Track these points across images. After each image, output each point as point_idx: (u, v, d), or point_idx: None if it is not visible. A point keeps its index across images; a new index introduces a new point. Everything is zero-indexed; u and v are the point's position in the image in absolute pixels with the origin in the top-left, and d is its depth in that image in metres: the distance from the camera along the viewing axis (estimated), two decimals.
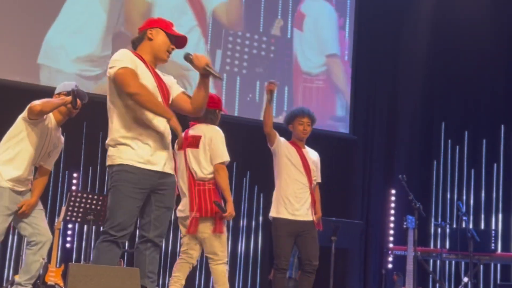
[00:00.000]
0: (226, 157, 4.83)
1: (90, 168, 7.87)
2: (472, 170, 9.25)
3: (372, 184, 9.08)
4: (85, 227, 6.57)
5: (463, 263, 8.51)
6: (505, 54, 9.35)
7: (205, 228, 4.79)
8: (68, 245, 7.67)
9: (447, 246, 7.69)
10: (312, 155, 5.71)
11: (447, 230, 7.86)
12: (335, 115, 9.02)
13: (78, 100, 4.76)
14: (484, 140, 9.29)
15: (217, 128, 4.94)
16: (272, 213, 5.54)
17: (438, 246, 8.33)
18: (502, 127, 9.28)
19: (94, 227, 6.48)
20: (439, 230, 8.26)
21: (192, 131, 4.94)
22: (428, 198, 9.09)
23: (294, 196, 5.48)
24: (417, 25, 9.46)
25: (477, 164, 9.26)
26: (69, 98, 4.75)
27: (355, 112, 9.06)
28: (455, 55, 9.32)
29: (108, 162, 3.72)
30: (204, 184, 4.79)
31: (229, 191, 4.81)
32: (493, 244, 7.52)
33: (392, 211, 8.93)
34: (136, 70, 3.64)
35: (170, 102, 3.83)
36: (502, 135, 9.28)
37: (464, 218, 7.10)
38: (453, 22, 9.33)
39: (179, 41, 3.86)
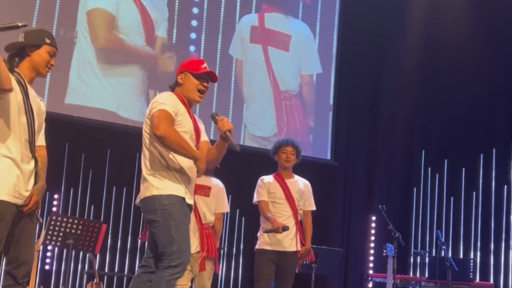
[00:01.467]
0: (227, 209, 5.72)
1: (72, 189, 7.83)
2: (452, 198, 9.35)
3: (353, 211, 9.11)
4: (65, 250, 6.51)
5: None
6: (485, 84, 9.50)
7: (207, 266, 5.37)
8: (47, 267, 7.60)
9: (426, 274, 7.74)
10: (299, 184, 5.85)
11: (426, 258, 7.91)
12: (317, 141, 9.09)
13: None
14: (463, 169, 9.40)
15: (220, 181, 5.70)
16: (256, 245, 5.78)
17: (418, 274, 8.39)
18: (481, 156, 9.41)
19: (73, 251, 6.43)
20: (418, 258, 8.31)
21: (198, 181, 5.29)
22: (408, 225, 9.16)
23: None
24: (399, 53, 9.58)
25: (457, 192, 9.36)
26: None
27: (336, 138, 9.11)
28: (436, 84, 9.45)
29: (154, 193, 3.80)
30: (208, 228, 5.45)
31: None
32: (471, 273, 7.58)
33: (373, 238, 8.97)
34: (174, 115, 3.82)
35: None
36: (481, 163, 9.40)
37: (443, 247, 7.16)
38: (435, 52, 9.48)
39: (210, 77, 4.03)
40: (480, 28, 9.43)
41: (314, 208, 5.88)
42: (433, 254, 8.24)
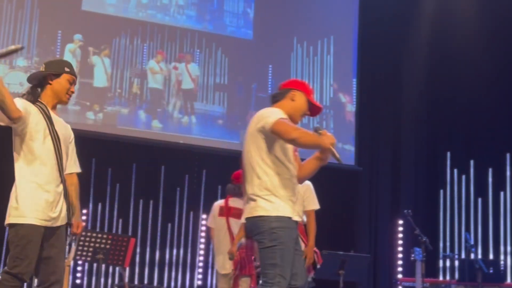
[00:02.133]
0: None
1: (99, 204, 7.94)
2: (479, 199, 9.27)
3: (379, 216, 9.08)
4: (95, 265, 6.60)
5: None
6: (509, 82, 9.41)
7: (243, 283, 5.66)
8: (78, 282, 7.71)
9: (456, 277, 7.68)
10: None
11: (456, 261, 7.85)
12: (341, 146, 9.09)
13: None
14: (490, 169, 9.31)
15: None
16: None
17: (447, 277, 8.33)
18: (508, 155, 9.31)
19: (103, 265, 6.51)
20: (447, 261, 8.24)
21: (232, 203, 5.98)
22: (436, 228, 9.10)
23: None
24: (419, 55, 9.55)
25: (484, 193, 9.28)
26: None
27: (360, 143, 9.10)
28: (459, 84, 9.39)
29: (261, 213, 3.73)
30: (243, 247, 5.70)
31: None
32: (502, 275, 7.50)
33: (400, 242, 8.93)
34: None
35: None
36: (508, 163, 9.31)
37: (472, 249, 7.11)
38: (456, 51, 9.41)
39: (314, 109, 4.00)
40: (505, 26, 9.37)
41: (315, 207, 5.53)
42: (462, 257, 8.18)
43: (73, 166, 3.88)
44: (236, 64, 8.80)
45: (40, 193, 3.57)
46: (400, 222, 8.95)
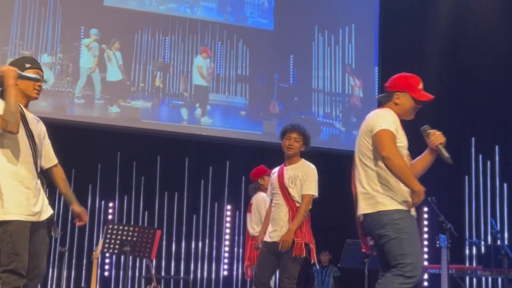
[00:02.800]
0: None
1: (125, 197, 8.04)
2: (505, 185, 9.20)
3: None
4: (122, 257, 6.70)
5: (499, 279, 8.44)
6: None
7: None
8: (106, 274, 7.84)
9: (482, 263, 7.65)
10: (294, 171, 5.18)
11: (482, 247, 7.82)
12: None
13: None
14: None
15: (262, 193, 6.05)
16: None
17: (474, 264, 8.30)
18: None
19: (130, 257, 6.61)
20: (473, 248, 8.21)
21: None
22: (461, 214, 9.05)
23: (272, 219, 5.17)
24: (441, 40, 9.48)
25: (509, 178, 9.21)
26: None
27: None
28: (482, 69, 9.29)
29: (380, 208, 3.79)
30: (253, 239, 5.91)
31: None
32: None
33: (426, 229, 8.91)
34: (396, 133, 3.83)
35: None
36: None
37: (497, 235, 7.08)
38: (479, 34, 9.31)
39: (424, 100, 4.04)
40: None
41: (310, 192, 5.07)
42: (488, 243, 8.14)
43: (52, 159, 3.93)
44: (258, 55, 8.83)
45: (22, 190, 3.62)
46: (425, 209, 8.92)
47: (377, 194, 3.80)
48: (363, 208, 3.85)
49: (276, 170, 5.30)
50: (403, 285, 3.66)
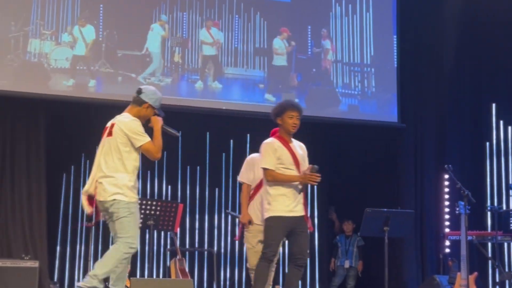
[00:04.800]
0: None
1: (148, 172, 8.20)
2: None
3: (424, 171, 9.10)
4: (147, 231, 6.88)
5: None
6: None
7: None
8: None
9: (502, 228, 7.71)
10: (299, 149, 5.40)
11: (502, 213, 7.86)
12: (382, 104, 9.11)
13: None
14: None
15: None
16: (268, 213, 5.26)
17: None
18: None
19: (155, 231, 6.79)
20: (495, 213, 8.22)
21: None
22: (482, 181, 9.07)
23: (291, 194, 5.22)
24: (461, 4, 9.38)
25: None
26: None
27: (402, 100, 9.09)
28: (502, 33, 9.19)
29: None
30: None
31: None
32: None
33: (447, 196, 8.95)
34: None
35: None
36: None
37: None
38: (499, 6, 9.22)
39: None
40: None
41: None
42: (510, 208, 8.18)
43: None
44: (275, 27, 8.86)
45: None
46: (446, 176, 8.95)
47: None
48: None
49: (275, 143, 5.28)
50: None
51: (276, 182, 5.20)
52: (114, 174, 4.71)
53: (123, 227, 4.63)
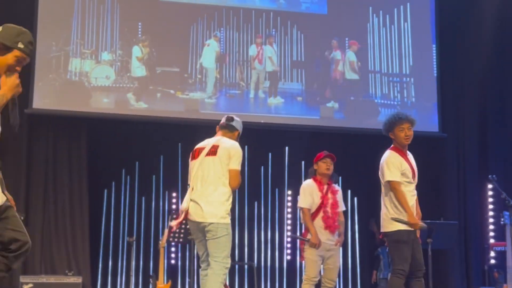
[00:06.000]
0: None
1: (187, 186, 8.22)
2: None
3: (467, 182, 8.94)
4: (187, 245, 6.90)
5: None
6: None
7: None
8: (173, 262, 8.07)
9: None
10: (413, 159, 5.58)
11: None
12: (422, 113, 9.00)
13: None
14: None
15: None
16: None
17: None
18: None
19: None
20: None
21: None
22: None
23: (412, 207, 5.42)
24: (499, 10, 9.23)
25: None
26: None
27: (443, 109, 8.96)
28: None
29: None
30: None
31: None
32: None
33: (491, 207, 8.78)
34: None
35: None
36: None
37: None
38: None
39: None
40: None
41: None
42: None
43: None
44: (313, 40, 8.85)
45: None
46: (490, 186, 8.78)
47: None
48: None
49: (397, 156, 5.39)
50: None
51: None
52: None
53: None
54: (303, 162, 8.36)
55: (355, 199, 8.64)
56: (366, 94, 8.91)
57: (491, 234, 8.67)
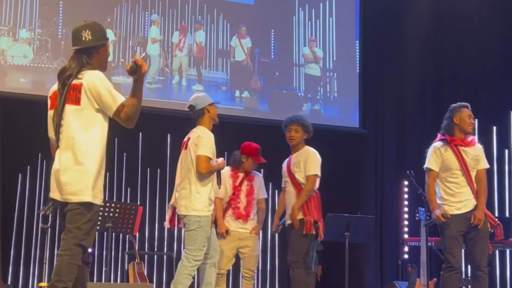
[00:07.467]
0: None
1: (108, 174, 8.02)
2: None
3: (385, 177, 9.14)
4: (105, 233, 6.71)
5: None
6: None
7: None
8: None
9: None
10: (297, 157, 5.94)
11: None
12: (344, 109, 9.13)
13: None
14: (494, 127, 9.26)
15: None
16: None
17: None
18: (511, 113, 9.28)
19: (113, 233, 6.63)
20: None
21: None
22: None
23: (286, 204, 5.96)
24: (423, 11, 9.46)
25: (489, 150, 9.25)
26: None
27: (364, 106, 9.11)
28: (464, 39, 9.25)
29: None
30: None
31: None
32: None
33: (406, 202, 9.00)
34: None
35: None
36: None
37: None
38: (462, 2, 9.30)
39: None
40: None
41: (312, 172, 5.86)
42: None
43: None
44: (236, 29, 8.79)
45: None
46: (406, 183, 9.00)
47: None
48: None
49: (285, 162, 5.98)
50: None
51: None
52: None
53: None
54: (225, 153, 8.30)
55: (276, 191, 8.66)
56: (290, 87, 8.95)
57: (406, 229, 8.89)
